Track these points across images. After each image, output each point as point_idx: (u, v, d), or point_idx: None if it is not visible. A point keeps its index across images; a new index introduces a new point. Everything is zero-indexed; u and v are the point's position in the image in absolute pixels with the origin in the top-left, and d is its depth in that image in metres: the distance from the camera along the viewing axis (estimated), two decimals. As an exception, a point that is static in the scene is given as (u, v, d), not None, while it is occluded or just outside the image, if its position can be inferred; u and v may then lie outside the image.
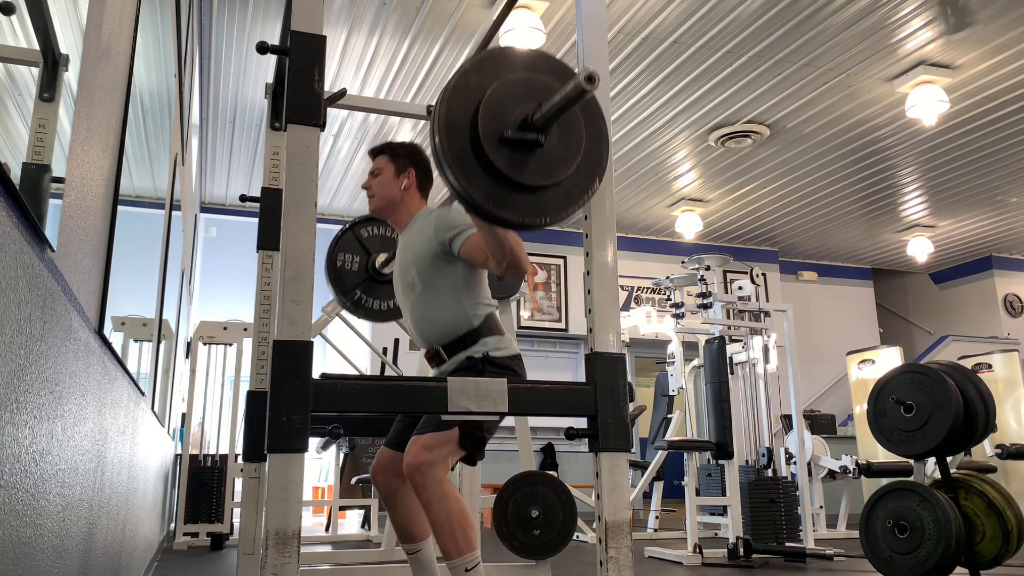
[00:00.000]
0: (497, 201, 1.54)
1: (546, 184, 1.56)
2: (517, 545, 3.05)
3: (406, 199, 2.33)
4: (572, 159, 1.59)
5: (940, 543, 3.00)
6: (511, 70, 1.59)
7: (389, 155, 2.36)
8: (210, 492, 5.12)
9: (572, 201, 1.61)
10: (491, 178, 1.53)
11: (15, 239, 0.85)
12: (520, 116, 1.53)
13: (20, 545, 0.95)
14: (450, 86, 1.54)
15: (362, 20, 4.89)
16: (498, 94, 1.54)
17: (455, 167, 1.50)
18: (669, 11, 4.81)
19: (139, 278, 2.58)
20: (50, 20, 1.08)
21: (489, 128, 1.51)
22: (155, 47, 2.54)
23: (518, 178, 1.53)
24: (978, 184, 7.57)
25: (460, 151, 1.51)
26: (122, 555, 2.27)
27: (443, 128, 1.51)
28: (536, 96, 1.55)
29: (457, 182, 1.51)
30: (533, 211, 1.57)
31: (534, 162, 1.55)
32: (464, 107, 1.53)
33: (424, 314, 2.20)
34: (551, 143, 1.56)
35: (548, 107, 1.50)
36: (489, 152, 1.50)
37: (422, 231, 2.21)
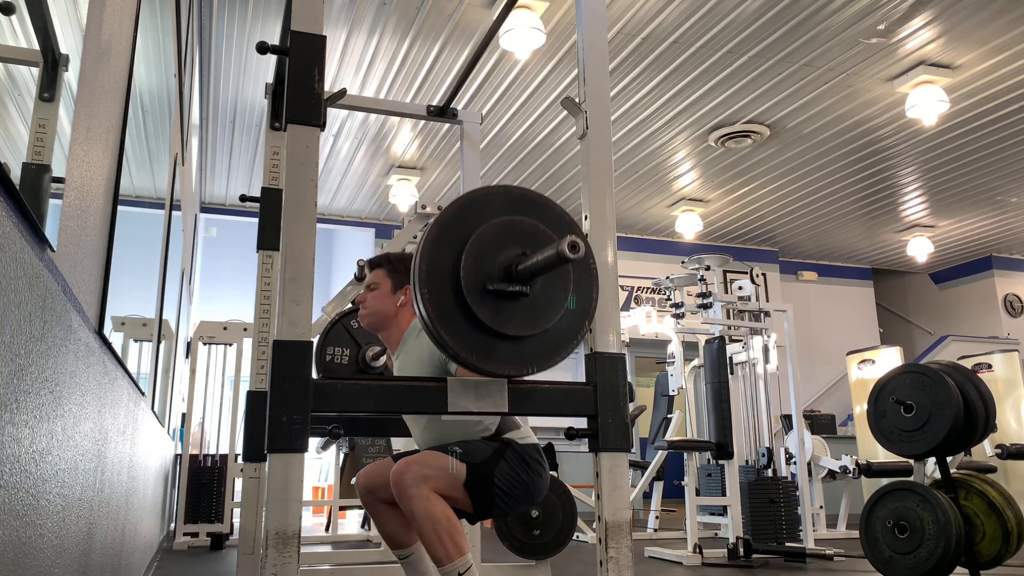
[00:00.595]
0: (482, 354, 1.50)
1: (532, 333, 1.52)
2: (517, 545, 3.05)
3: (399, 316, 2.27)
4: (559, 305, 1.55)
5: (940, 543, 3.00)
6: (491, 214, 1.54)
7: (387, 269, 2.30)
8: (210, 492, 5.12)
9: (561, 348, 1.57)
10: (476, 330, 1.49)
11: (15, 239, 0.85)
12: (504, 264, 1.50)
13: (20, 545, 0.95)
14: (431, 235, 1.50)
15: (362, 20, 4.89)
16: (479, 243, 1.49)
17: (439, 321, 1.47)
18: (669, 11, 4.81)
19: (139, 278, 2.58)
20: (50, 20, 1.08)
21: (472, 279, 1.47)
22: (155, 47, 2.54)
23: (503, 330, 1.49)
24: (978, 184, 7.57)
25: (443, 303, 1.47)
26: (122, 555, 2.27)
27: (424, 280, 1.47)
28: (520, 241, 1.52)
29: (440, 336, 1.47)
30: (519, 361, 1.53)
31: (519, 311, 1.51)
32: (445, 257, 1.49)
33: (438, 436, 2.14)
34: (537, 290, 1.52)
35: (531, 264, 1.47)
36: (472, 304, 1.46)
37: (418, 353, 2.16)
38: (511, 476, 2.03)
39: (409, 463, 1.97)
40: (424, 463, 1.98)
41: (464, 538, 1.97)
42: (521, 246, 1.52)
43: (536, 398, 1.65)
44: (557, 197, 7.93)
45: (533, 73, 5.55)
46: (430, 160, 7.06)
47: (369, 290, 2.30)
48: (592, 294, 1.62)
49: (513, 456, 2.05)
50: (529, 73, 5.55)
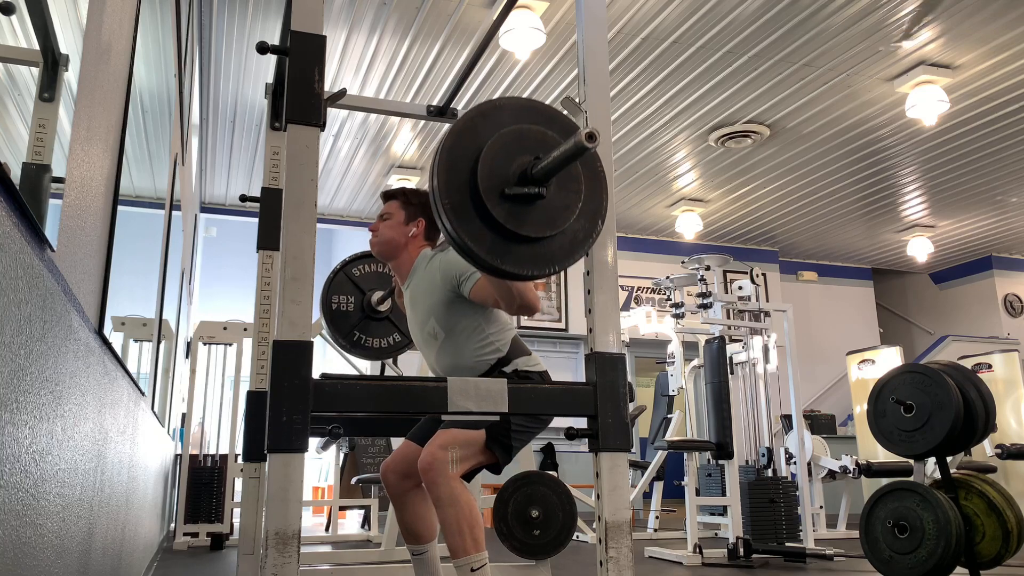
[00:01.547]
0: (503, 256, 1.53)
1: (550, 234, 1.56)
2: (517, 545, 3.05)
3: (410, 246, 2.31)
4: (573, 206, 1.59)
5: (940, 543, 3.00)
6: (505, 123, 1.58)
7: (401, 201, 2.35)
8: (210, 492, 5.12)
9: (577, 247, 1.61)
10: (494, 232, 1.53)
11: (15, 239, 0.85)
12: (519, 169, 1.53)
13: (20, 545, 0.95)
14: (446, 147, 1.53)
15: (362, 20, 4.89)
16: (496, 146, 1.53)
17: (460, 228, 1.50)
18: (669, 11, 4.81)
19: (139, 278, 2.58)
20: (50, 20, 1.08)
21: (489, 184, 1.51)
22: (155, 47, 2.54)
23: (521, 231, 1.53)
24: (978, 184, 7.57)
25: (461, 207, 1.51)
26: (122, 555, 2.27)
27: (442, 186, 1.51)
28: (533, 147, 1.55)
29: (463, 242, 1.51)
30: (539, 262, 1.57)
31: (536, 213, 1.55)
32: (462, 165, 1.53)
33: (453, 360, 2.19)
34: (551, 193, 1.56)
35: (547, 162, 1.50)
36: (491, 207, 1.50)
37: (429, 280, 2.21)
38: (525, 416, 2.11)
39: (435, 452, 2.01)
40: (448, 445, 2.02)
41: (483, 534, 2.01)
42: (533, 152, 1.55)
43: (536, 398, 1.65)
44: (557, 197, 7.93)
45: (533, 73, 5.55)
46: (430, 160, 7.05)
47: (382, 220, 2.34)
48: (603, 196, 1.66)
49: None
50: (529, 73, 5.55)
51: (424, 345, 2.28)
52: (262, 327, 2.91)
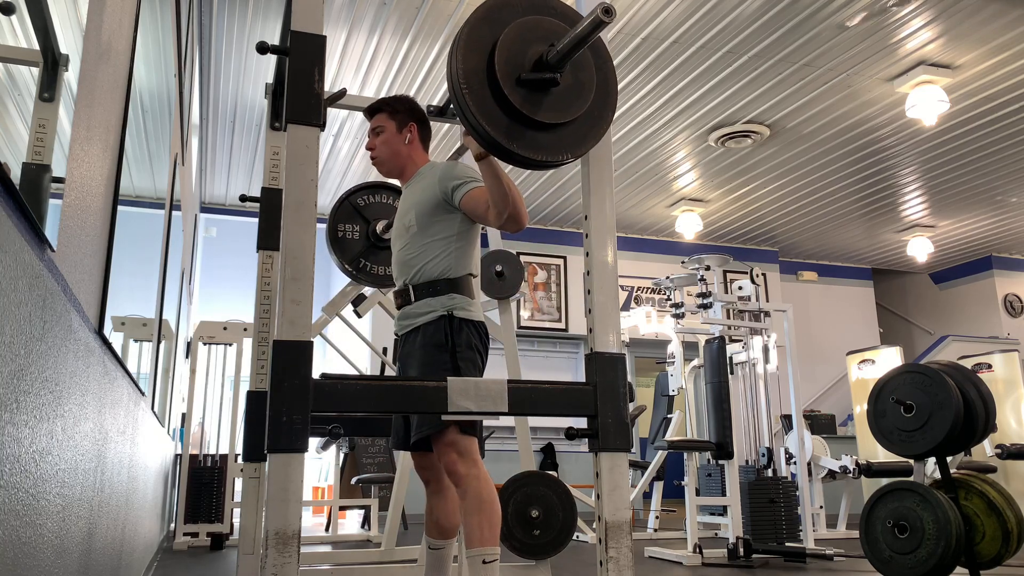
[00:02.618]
0: (521, 142, 1.58)
1: (564, 121, 1.60)
2: (517, 545, 3.05)
3: (412, 154, 2.35)
4: (586, 95, 1.64)
5: (940, 543, 3.00)
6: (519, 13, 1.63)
7: (388, 112, 2.36)
8: (210, 492, 5.12)
9: (592, 135, 1.66)
10: (510, 118, 1.57)
11: (15, 239, 0.85)
12: (534, 56, 1.58)
13: (20, 545, 0.95)
14: (463, 35, 1.58)
15: (362, 20, 4.89)
16: (511, 38, 1.58)
17: (480, 115, 1.54)
18: (669, 11, 4.81)
19: (139, 278, 2.58)
20: (50, 20, 1.08)
21: (506, 70, 1.56)
22: (155, 47, 2.54)
23: (537, 116, 1.57)
24: (978, 184, 7.57)
25: (479, 95, 1.55)
26: (122, 555, 2.27)
27: (460, 73, 1.55)
28: (548, 36, 1.60)
29: (483, 128, 1.54)
30: (554, 148, 1.61)
31: (551, 100, 1.59)
32: (479, 51, 1.57)
33: (410, 253, 2.22)
34: (565, 81, 1.60)
35: (563, 44, 1.54)
36: (508, 92, 1.54)
37: (426, 180, 2.24)
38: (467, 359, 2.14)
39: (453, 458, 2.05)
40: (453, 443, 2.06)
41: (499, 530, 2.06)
42: (547, 41, 1.59)
43: (536, 398, 1.65)
44: (557, 197, 7.94)
45: (533, 73, 5.55)
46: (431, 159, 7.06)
47: (375, 135, 2.36)
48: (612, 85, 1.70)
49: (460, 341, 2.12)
50: (529, 73, 5.54)
51: (396, 238, 2.30)
52: (262, 327, 2.91)
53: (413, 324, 2.20)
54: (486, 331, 2.23)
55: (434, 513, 2.29)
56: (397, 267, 2.28)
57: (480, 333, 2.19)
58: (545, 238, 8.68)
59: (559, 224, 8.75)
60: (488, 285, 3.81)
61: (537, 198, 7.92)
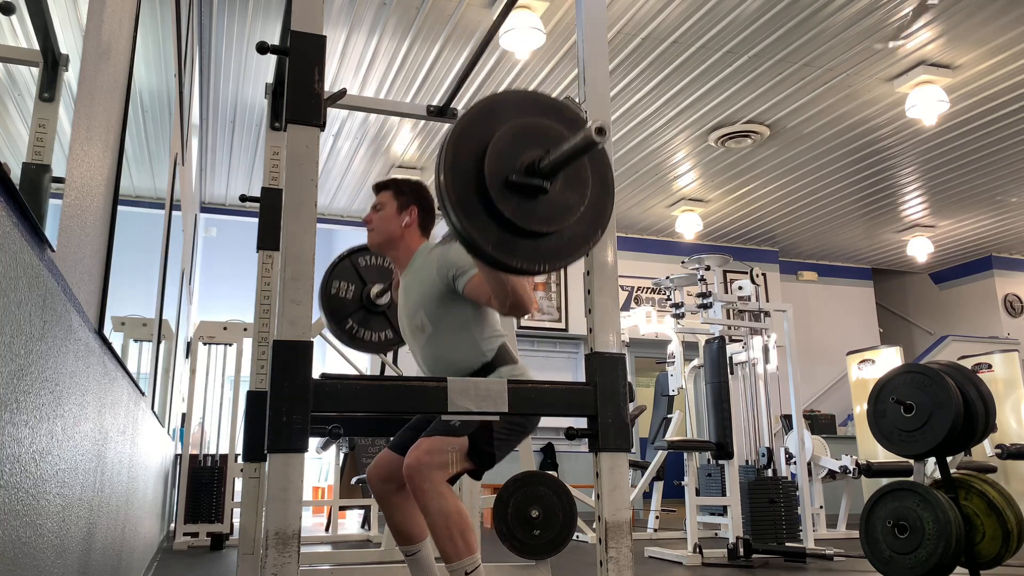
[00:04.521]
0: (498, 246, 1.51)
1: (548, 231, 1.54)
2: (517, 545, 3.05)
3: (406, 236, 2.30)
4: (576, 207, 1.56)
5: (940, 543, 3.00)
6: (516, 114, 1.57)
7: (393, 191, 2.34)
8: (210, 492, 5.12)
9: (573, 250, 1.59)
10: (495, 223, 1.51)
11: (15, 239, 0.85)
12: (527, 161, 1.51)
13: (20, 545, 0.95)
14: (456, 130, 1.52)
15: (362, 20, 4.89)
16: (504, 139, 1.52)
17: (459, 210, 1.48)
18: (669, 11, 4.80)
19: (139, 278, 2.58)
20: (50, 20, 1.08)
21: (495, 172, 1.49)
22: (155, 47, 2.54)
23: (522, 223, 1.50)
24: (978, 184, 7.57)
25: (465, 195, 1.49)
26: (122, 555, 2.27)
27: (448, 171, 1.49)
28: (542, 141, 1.53)
29: (460, 225, 1.49)
30: (532, 257, 1.54)
31: (538, 208, 1.52)
32: (469, 152, 1.51)
33: (437, 355, 2.19)
34: (556, 190, 1.54)
35: (556, 155, 1.48)
36: (495, 196, 1.48)
37: (425, 271, 2.19)
38: (507, 422, 2.09)
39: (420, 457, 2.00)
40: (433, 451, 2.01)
41: (474, 536, 1.99)
42: (543, 146, 1.53)
43: (536, 398, 1.65)
44: (557, 197, 7.92)
45: (533, 73, 5.55)
46: (430, 160, 7.06)
47: (375, 211, 2.34)
48: (607, 203, 1.64)
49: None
50: (529, 73, 5.55)
51: (411, 337, 2.27)
52: (262, 327, 2.91)
53: None
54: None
55: (394, 523, 2.24)
56: (429, 369, 2.23)
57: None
58: (545, 238, 8.66)
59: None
60: (488, 285, 3.79)
61: (537, 198, 7.92)
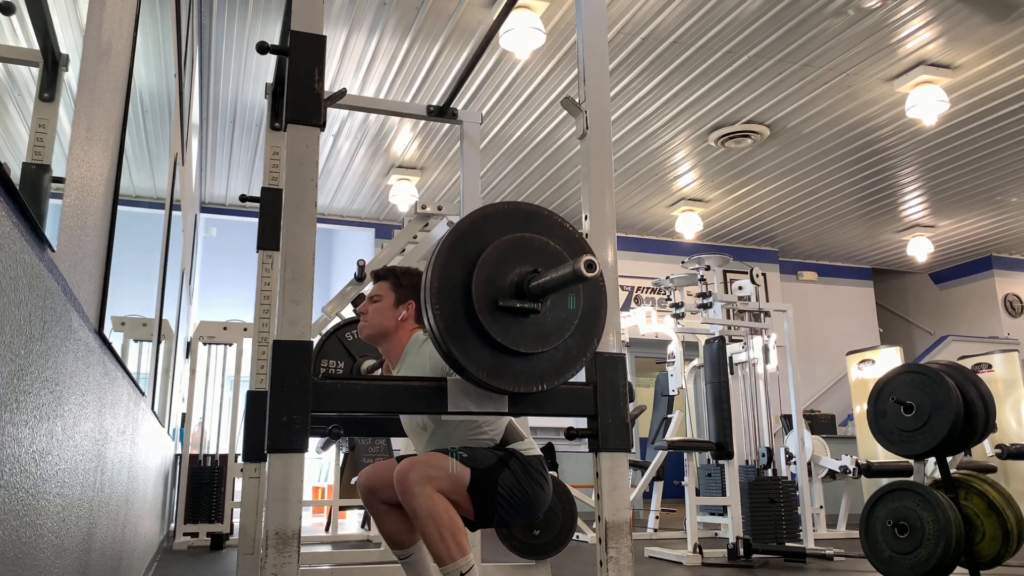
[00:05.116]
0: (492, 371, 1.50)
1: (540, 351, 1.52)
2: (517, 545, 3.05)
3: (400, 330, 2.25)
4: (569, 324, 1.55)
5: (940, 543, 3.00)
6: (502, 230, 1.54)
7: (392, 283, 2.28)
8: (210, 492, 5.12)
9: (570, 365, 1.58)
10: (486, 346, 1.49)
11: (15, 239, 0.85)
12: (515, 281, 1.50)
13: (20, 545, 0.95)
14: (443, 251, 1.50)
15: (362, 20, 4.89)
16: (490, 260, 1.49)
17: (449, 337, 1.47)
18: (669, 11, 4.80)
19: (139, 278, 2.58)
20: (50, 20, 1.08)
21: (483, 296, 1.47)
22: (155, 47, 2.54)
23: (514, 346, 1.49)
24: (978, 184, 7.57)
25: (453, 319, 1.48)
26: (122, 555, 2.27)
27: (435, 296, 1.47)
28: (530, 257, 1.52)
29: (450, 352, 1.48)
30: (529, 379, 1.53)
31: (530, 328, 1.51)
32: (456, 272, 1.49)
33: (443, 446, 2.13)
34: (546, 307, 1.52)
35: (544, 282, 1.47)
36: (484, 321, 1.47)
37: (419, 366, 2.14)
38: (514, 485, 2.02)
39: (413, 463, 1.97)
40: (428, 463, 1.98)
41: (466, 538, 1.96)
42: (532, 263, 1.51)
43: (536, 398, 1.65)
44: (557, 197, 7.94)
45: (533, 73, 5.55)
46: (430, 160, 7.06)
47: (371, 301, 2.28)
48: (599, 310, 1.62)
49: (517, 466, 2.05)
50: (529, 73, 5.55)
51: (413, 435, 2.23)
52: (262, 327, 2.91)
53: None
54: (543, 463, 2.15)
55: (385, 529, 2.22)
56: None
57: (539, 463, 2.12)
58: (545, 238, 8.67)
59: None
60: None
61: (537, 198, 7.92)
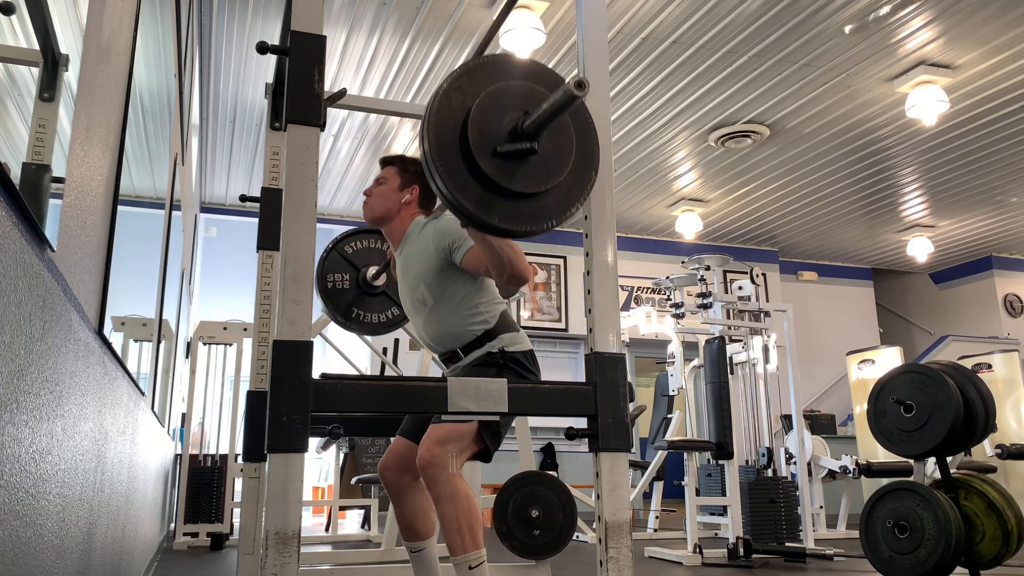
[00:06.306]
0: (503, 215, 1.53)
1: (544, 189, 1.55)
2: (517, 545, 3.05)
3: (403, 213, 2.32)
4: (566, 160, 1.58)
5: (940, 543, 3.00)
6: (495, 80, 1.58)
7: (398, 167, 2.36)
8: (210, 492, 5.11)
9: (572, 200, 1.61)
10: (486, 189, 1.52)
11: (15, 239, 0.85)
12: (509, 126, 1.53)
13: (20, 545, 0.95)
14: (435, 103, 1.52)
15: (362, 20, 4.89)
16: (485, 106, 1.52)
17: (456, 191, 1.49)
18: (669, 11, 4.80)
19: (139, 278, 2.58)
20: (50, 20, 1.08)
21: (480, 143, 1.50)
22: (155, 47, 2.54)
23: (513, 186, 1.52)
24: (978, 184, 7.57)
25: (451, 163, 1.50)
26: (122, 555, 2.27)
27: (433, 143, 1.50)
28: (523, 104, 1.55)
29: (461, 205, 1.50)
30: (538, 218, 1.56)
31: (528, 169, 1.54)
32: (452, 122, 1.52)
33: (441, 327, 2.21)
34: (543, 147, 1.55)
35: (537, 115, 1.49)
36: (483, 166, 1.49)
37: (421, 246, 2.21)
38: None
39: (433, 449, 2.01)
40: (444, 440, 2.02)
41: (481, 532, 2.01)
42: (521, 108, 1.54)
43: (536, 398, 1.65)
44: (557, 197, 7.93)
45: (533, 73, 5.54)
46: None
47: (377, 184, 2.35)
48: (593, 148, 1.65)
49: (511, 375, 2.10)
50: (529, 73, 5.54)
51: (413, 311, 2.29)
52: (262, 327, 2.91)
53: (464, 363, 2.20)
54: (534, 357, 2.22)
55: (405, 518, 2.25)
56: (433, 340, 2.24)
57: (529, 359, 2.19)
58: (545, 238, 8.68)
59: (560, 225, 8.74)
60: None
61: (537, 198, 7.92)
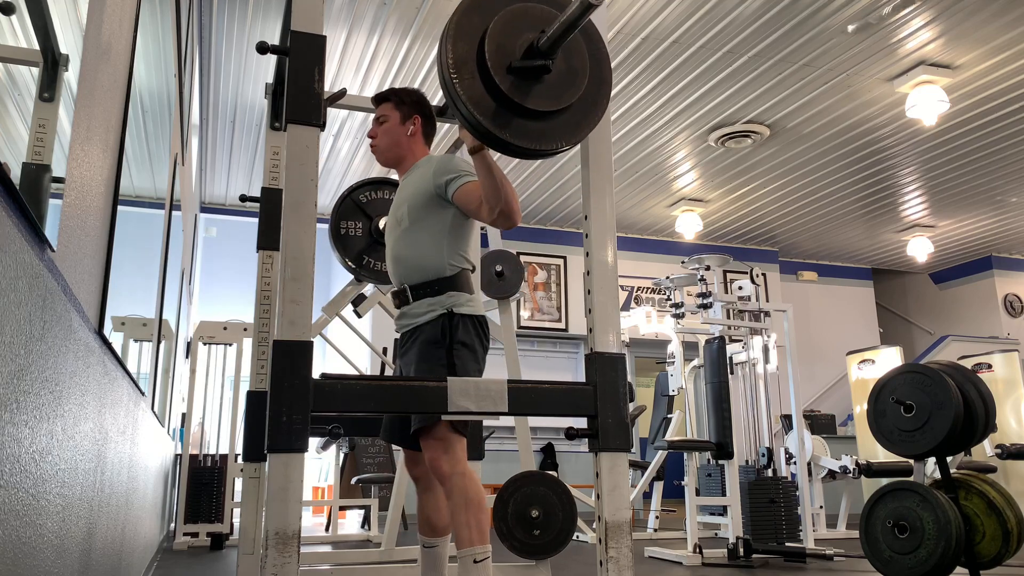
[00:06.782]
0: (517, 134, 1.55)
1: (558, 108, 1.58)
2: (517, 545, 3.05)
3: (412, 146, 2.32)
4: (580, 81, 1.61)
5: (940, 543, 3.00)
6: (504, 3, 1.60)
7: (395, 102, 2.34)
8: (210, 492, 5.12)
9: (584, 126, 1.64)
10: (501, 106, 1.54)
11: (15, 239, 0.85)
12: (526, 44, 1.55)
13: (20, 545, 0.95)
14: (452, 24, 1.55)
15: (362, 20, 4.89)
16: (503, 23, 1.55)
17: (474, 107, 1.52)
18: (669, 11, 4.80)
19: (139, 278, 2.58)
20: (50, 20, 1.08)
21: (496, 58, 1.53)
22: (155, 47, 2.54)
23: (529, 104, 1.55)
24: (978, 184, 7.57)
25: (470, 84, 1.53)
26: (122, 555, 2.27)
27: (450, 62, 1.52)
28: (539, 24, 1.57)
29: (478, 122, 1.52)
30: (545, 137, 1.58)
31: (542, 87, 1.57)
32: (469, 41, 1.55)
33: (403, 251, 2.21)
34: (558, 68, 1.58)
35: (553, 30, 1.51)
36: (498, 80, 1.52)
37: (421, 174, 2.23)
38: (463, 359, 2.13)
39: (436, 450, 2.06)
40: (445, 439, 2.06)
41: (488, 527, 2.07)
42: (537, 28, 1.57)
43: (536, 398, 1.65)
44: (557, 197, 7.94)
45: (533, 73, 5.55)
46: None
47: (378, 123, 2.34)
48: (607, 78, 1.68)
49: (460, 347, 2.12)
50: (529, 73, 5.55)
51: (389, 231, 2.29)
52: (262, 327, 2.91)
53: (413, 324, 2.20)
54: (486, 325, 2.22)
55: (425, 511, 2.31)
56: (391, 264, 2.26)
57: (479, 327, 2.18)
58: (545, 238, 8.68)
59: (559, 224, 8.75)
60: (488, 285, 3.81)
61: (537, 198, 7.92)
